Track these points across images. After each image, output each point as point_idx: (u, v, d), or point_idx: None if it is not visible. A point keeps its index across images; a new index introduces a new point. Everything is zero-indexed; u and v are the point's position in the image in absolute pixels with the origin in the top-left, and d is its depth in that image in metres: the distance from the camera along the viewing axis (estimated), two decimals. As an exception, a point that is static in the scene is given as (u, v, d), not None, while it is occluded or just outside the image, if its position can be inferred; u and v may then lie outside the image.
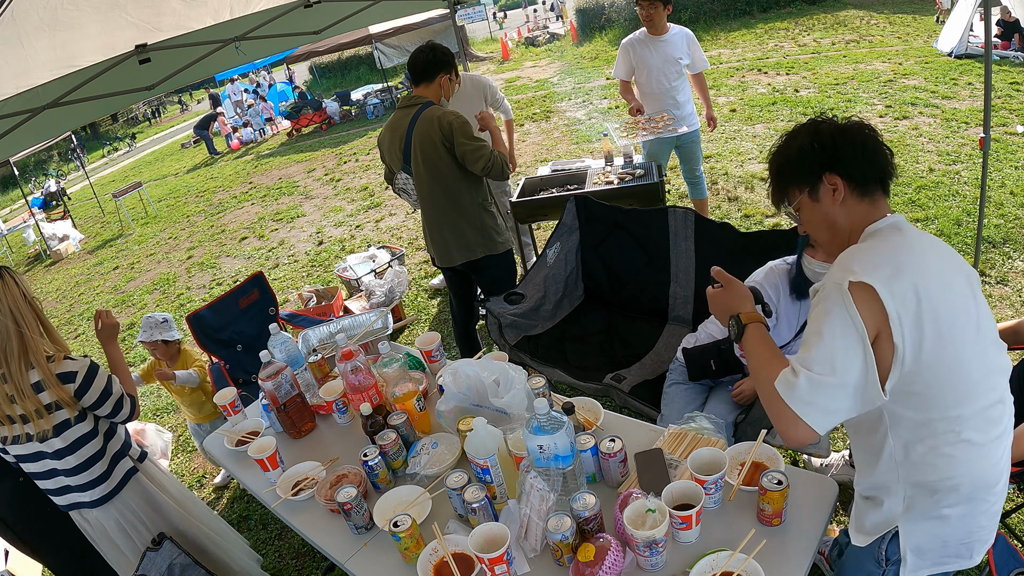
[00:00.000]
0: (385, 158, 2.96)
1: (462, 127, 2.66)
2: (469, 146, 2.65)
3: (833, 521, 2.24)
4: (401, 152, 2.80)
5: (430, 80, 2.77)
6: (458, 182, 2.77)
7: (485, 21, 22.38)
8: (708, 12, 13.70)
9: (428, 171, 2.76)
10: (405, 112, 2.78)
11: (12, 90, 2.28)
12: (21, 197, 13.00)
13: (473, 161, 2.67)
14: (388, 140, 2.87)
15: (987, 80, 2.65)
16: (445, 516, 1.66)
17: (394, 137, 2.83)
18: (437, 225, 2.92)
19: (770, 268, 2.20)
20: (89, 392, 1.90)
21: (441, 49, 2.80)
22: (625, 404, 2.52)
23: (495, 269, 2.99)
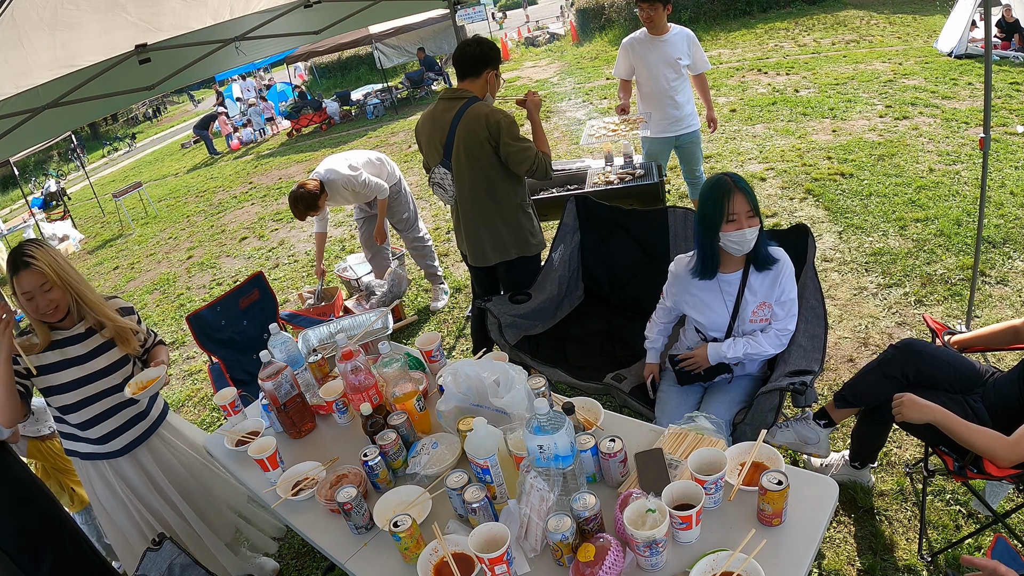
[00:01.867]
0: (423, 149, 2.94)
1: (509, 127, 2.64)
2: (515, 147, 2.63)
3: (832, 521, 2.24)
4: (442, 146, 2.76)
5: (476, 75, 2.74)
6: (500, 181, 2.76)
7: (485, 21, 22.39)
8: (708, 12, 13.71)
9: (470, 168, 2.73)
10: (448, 105, 2.74)
11: (12, 90, 2.28)
12: (21, 197, 13.00)
13: (518, 163, 2.66)
14: (428, 132, 2.84)
15: (987, 80, 2.65)
16: (445, 516, 1.66)
17: (435, 130, 2.79)
18: (474, 223, 2.89)
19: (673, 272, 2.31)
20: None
21: (488, 44, 2.78)
22: (625, 404, 2.52)
23: (524, 270, 3.02)
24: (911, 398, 1.86)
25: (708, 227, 2.07)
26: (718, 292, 2.20)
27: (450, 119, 2.71)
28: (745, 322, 2.20)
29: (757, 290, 2.16)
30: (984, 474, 1.87)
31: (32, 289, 1.93)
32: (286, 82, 19.09)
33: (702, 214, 2.08)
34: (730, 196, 2.00)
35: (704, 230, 2.09)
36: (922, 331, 3.18)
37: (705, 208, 2.06)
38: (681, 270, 2.27)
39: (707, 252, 2.13)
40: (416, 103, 13.83)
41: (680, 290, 2.28)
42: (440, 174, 2.81)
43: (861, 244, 4.09)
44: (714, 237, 2.07)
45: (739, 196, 2.00)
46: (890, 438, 2.53)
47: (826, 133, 6.18)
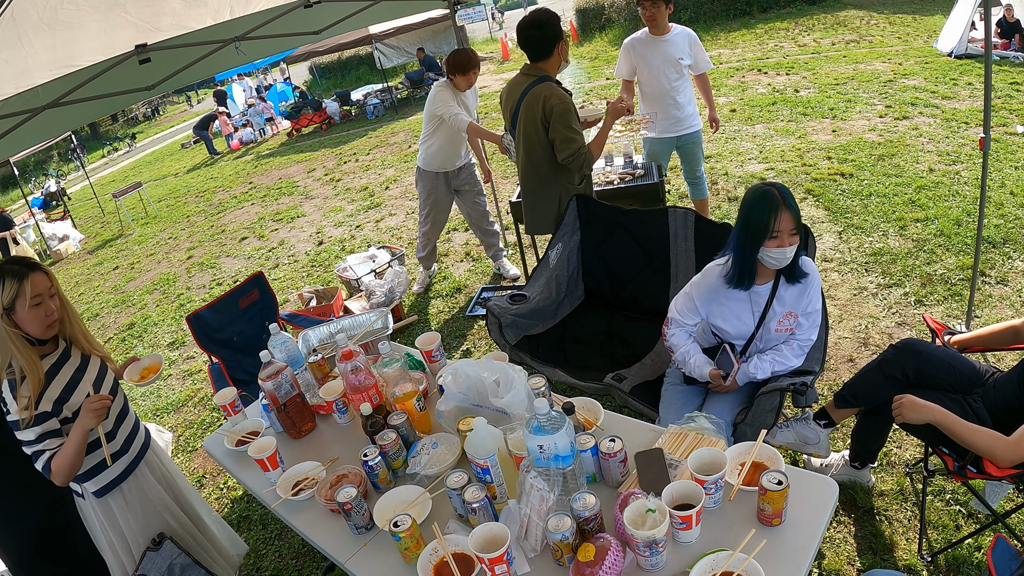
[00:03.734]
0: (503, 113, 3.18)
1: (562, 115, 2.79)
2: (562, 135, 2.79)
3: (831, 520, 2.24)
4: (511, 116, 3.00)
5: (549, 55, 2.91)
6: (547, 161, 2.91)
7: (485, 21, 22.39)
8: (708, 12, 13.71)
9: (525, 143, 2.93)
10: (523, 79, 2.95)
11: (12, 90, 2.28)
12: (21, 197, 13.00)
13: (561, 149, 2.82)
14: (505, 98, 3.07)
15: (987, 80, 2.65)
16: (445, 516, 1.66)
17: (508, 100, 3.04)
18: (525, 192, 3.10)
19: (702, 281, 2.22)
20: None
21: (550, 23, 2.91)
22: (625, 404, 2.52)
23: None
24: (911, 399, 1.86)
25: (751, 239, 2.01)
26: (747, 302, 2.16)
27: (519, 94, 2.92)
28: (770, 332, 2.19)
29: (786, 301, 2.14)
30: (984, 474, 1.87)
31: (43, 292, 1.86)
32: (286, 82, 19.08)
33: (746, 224, 2.01)
34: (778, 212, 1.94)
35: (746, 241, 2.02)
36: (922, 331, 3.18)
37: (749, 219, 1.99)
38: (714, 279, 2.17)
39: (746, 263, 2.06)
40: (416, 103, 13.82)
41: (710, 299, 2.21)
42: (508, 139, 3.06)
43: (861, 244, 4.09)
44: (755, 249, 2.01)
45: (786, 214, 1.95)
46: (890, 438, 2.53)
47: (826, 133, 6.18)
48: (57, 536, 2.14)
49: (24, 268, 1.84)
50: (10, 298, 1.81)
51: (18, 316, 1.82)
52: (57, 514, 2.14)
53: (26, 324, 1.83)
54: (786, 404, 2.73)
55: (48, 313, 1.86)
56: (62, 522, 2.15)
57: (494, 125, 9.57)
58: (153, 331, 5.70)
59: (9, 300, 1.81)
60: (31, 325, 1.84)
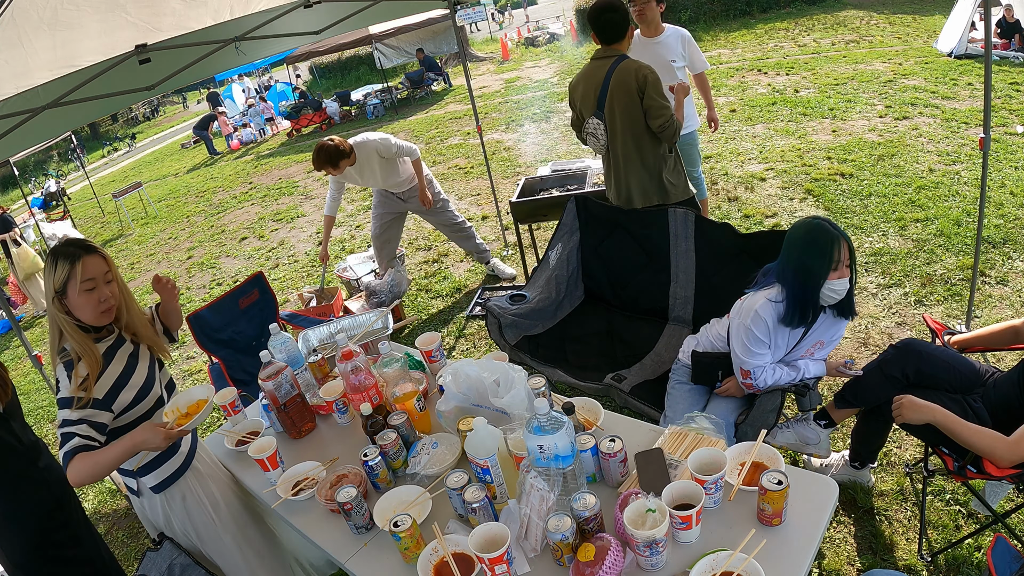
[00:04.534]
0: (576, 104, 3.16)
1: (655, 83, 2.87)
2: (656, 102, 2.86)
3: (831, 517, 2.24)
4: (596, 98, 3.00)
5: (623, 37, 2.97)
6: (644, 131, 2.96)
7: (485, 21, 22.41)
8: (708, 12, 13.72)
9: (621, 118, 2.95)
10: (601, 63, 2.98)
11: (12, 90, 2.28)
12: (21, 197, 12.99)
13: (655, 116, 2.88)
14: (582, 87, 3.06)
15: (987, 80, 2.65)
16: (445, 516, 1.66)
17: (589, 84, 3.02)
18: (623, 169, 3.08)
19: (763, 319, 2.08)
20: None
21: (623, 7, 3.00)
22: (625, 404, 2.52)
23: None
24: (910, 399, 1.86)
25: (814, 275, 1.96)
26: (787, 335, 2.14)
27: (603, 74, 2.94)
28: (796, 355, 2.20)
29: (820, 331, 2.14)
30: (984, 474, 1.87)
31: (98, 276, 1.73)
32: (286, 82, 19.09)
33: (805, 264, 1.96)
34: (839, 242, 1.92)
35: (807, 279, 1.97)
36: (922, 331, 3.18)
37: (810, 255, 1.95)
38: (771, 320, 2.07)
39: (809, 302, 2.01)
40: (416, 103, 13.83)
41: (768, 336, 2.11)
42: (594, 124, 3.05)
43: (861, 244, 4.09)
44: (819, 284, 1.97)
45: (843, 242, 1.93)
46: (890, 438, 2.53)
47: (826, 133, 6.18)
48: (57, 536, 2.13)
49: (78, 250, 1.73)
50: (61, 281, 1.70)
51: (70, 300, 1.72)
52: (57, 514, 2.14)
53: (78, 309, 1.73)
54: (788, 405, 2.73)
55: (102, 299, 1.74)
56: (62, 522, 2.15)
57: (494, 125, 9.58)
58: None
59: (60, 283, 1.71)
60: (83, 310, 1.73)
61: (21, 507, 2.06)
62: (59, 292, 1.71)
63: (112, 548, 2.98)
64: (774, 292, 2.07)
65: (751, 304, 2.09)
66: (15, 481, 2.05)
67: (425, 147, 9.49)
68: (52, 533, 2.11)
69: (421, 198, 4.23)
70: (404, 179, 4.15)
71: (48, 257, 1.74)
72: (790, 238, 2.03)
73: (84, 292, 1.71)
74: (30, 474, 2.08)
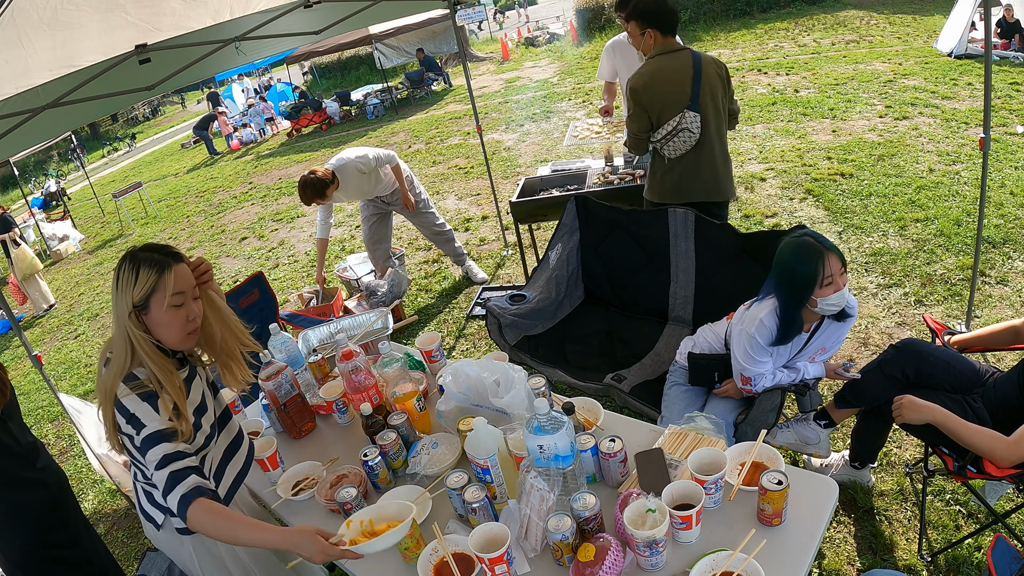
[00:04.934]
0: (655, 105, 2.83)
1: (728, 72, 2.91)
2: (732, 90, 2.92)
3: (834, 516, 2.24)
4: (690, 91, 2.80)
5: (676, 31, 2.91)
6: (724, 119, 2.95)
7: (485, 21, 22.41)
8: (708, 12, 13.72)
9: (714, 109, 2.87)
10: (675, 56, 2.80)
11: (12, 90, 2.28)
12: (21, 197, 13.00)
13: (732, 102, 2.92)
14: (660, 87, 2.79)
15: (987, 80, 2.65)
16: (445, 516, 1.66)
17: (673, 79, 2.79)
18: (719, 159, 2.96)
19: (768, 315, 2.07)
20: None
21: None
22: (625, 404, 2.52)
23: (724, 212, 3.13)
24: (910, 399, 1.86)
25: (798, 293, 1.96)
26: (789, 344, 2.14)
27: (689, 66, 2.78)
28: (796, 362, 2.20)
29: (822, 338, 2.15)
30: (984, 474, 1.87)
31: (187, 290, 1.51)
32: (287, 82, 19.09)
33: (791, 281, 1.97)
34: (823, 258, 1.91)
35: (791, 297, 1.98)
36: (922, 331, 3.18)
37: (795, 275, 1.95)
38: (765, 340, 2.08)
39: (793, 319, 2.02)
40: (416, 103, 13.82)
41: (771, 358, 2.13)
42: (690, 118, 2.83)
43: (861, 244, 4.09)
44: (802, 303, 1.98)
45: (832, 256, 1.92)
46: (890, 438, 2.53)
47: (826, 133, 6.18)
48: (56, 537, 2.13)
49: (167, 258, 1.49)
50: (144, 293, 1.45)
51: (152, 317, 1.47)
52: (55, 515, 2.14)
53: (161, 328, 1.49)
54: (788, 405, 2.73)
55: (190, 318, 1.52)
56: (61, 522, 2.15)
57: (494, 125, 9.58)
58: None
59: (143, 296, 1.45)
60: (168, 329, 1.49)
61: (19, 508, 2.06)
62: (139, 306, 1.46)
63: (112, 548, 2.98)
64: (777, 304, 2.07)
65: (756, 312, 2.08)
66: (13, 482, 2.05)
67: (425, 147, 9.49)
68: (51, 533, 2.11)
69: (404, 202, 4.29)
70: (386, 183, 4.24)
71: (126, 262, 1.48)
72: (778, 257, 2.02)
73: (171, 308, 1.47)
74: (28, 475, 2.08)
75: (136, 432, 1.42)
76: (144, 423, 1.41)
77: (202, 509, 1.36)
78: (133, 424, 1.42)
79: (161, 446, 1.41)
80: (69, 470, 3.86)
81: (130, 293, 1.45)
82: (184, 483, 1.39)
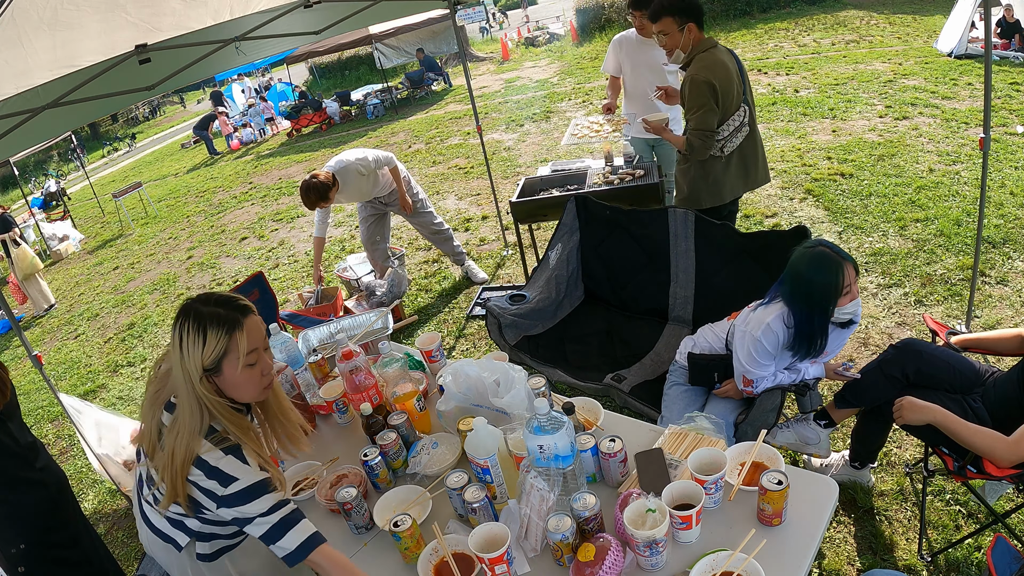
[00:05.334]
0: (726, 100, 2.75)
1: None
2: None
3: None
4: (740, 85, 2.80)
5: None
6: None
7: (485, 21, 22.41)
8: (708, 12, 13.70)
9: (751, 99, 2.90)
10: (711, 52, 2.75)
11: (12, 90, 2.28)
12: (21, 197, 13.00)
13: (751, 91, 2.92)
14: (728, 79, 2.73)
15: (987, 80, 2.65)
16: (445, 516, 1.66)
17: (728, 75, 2.74)
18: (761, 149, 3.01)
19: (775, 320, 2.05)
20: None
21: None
22: (625, 404, 2.52)
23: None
24: (910, 400, 1.86)
25: (822, 304, 1.95)
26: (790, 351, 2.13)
27: (731, 62, 2.79)
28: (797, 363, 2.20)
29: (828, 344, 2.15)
30: (984, 474, 1.87)
31: (260, 344, 1.41)
32: (287, 82, 19.08)
33: (810, 294, 1.95)
34: (843, 268, 1.91)
35: (814, 307, 1.97)
36: (922, 331, 3.18)
37: (814, 286, 1.94)
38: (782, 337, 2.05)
39: (818, 331, 2.01)
40: (416, 103, 13.82)
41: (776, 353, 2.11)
42: (742, 112, 2.83)
43: (861, 244, 4.09)
44: (828, 313, 1.97)
45: (848, 264, 1.93)
46: (890, 438, 2.53)
47: (826, 133, 6.18)
48: (55, 537, 2.13)
49: (235, 313, 1.37)
50: (216, 357, 1.35)
51: (226, 379, 1.38)
52: (55, 515, 2.14)
53: (236, 388, 1.40)
54: (788, 405, 2.73)
55: (265, 372, 1.43)
56: (60, 522, 2.15)
57: (494, 125, 9.57)
58: (153, 331, 5.70)
59: (214, 359, 1.35)
60: (243, 389, 1.41)
61: (19, 508, 2.06)
62: (210, 370, 1.36)
63: (112, 548, 2.98)
64: (787, 311, 2.05)
65: (763, 316, 2.07)
66: (12, 482, 2.05)
67: (425, 147, 9.49)
68: (50, 534, 2.11)
69: (402, 204, 4.30)
70: (384, 184, 4.25)
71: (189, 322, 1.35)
72: (795, 269, 2.00)
73: (247, 368, 1.38)
74: (27, 475, 2.08)
75: (224, 486, 1.35)
76: (235, 476, 1.35)
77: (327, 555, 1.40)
78: (218, 478, 1.35)
79: (265, 497, 1.38)
80: (69, 470, 3.86)
81: (198, 358, 1.34)
82: (298, 527, 1.39)
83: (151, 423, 1.42)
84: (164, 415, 1.41)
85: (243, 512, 1.37)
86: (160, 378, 1.45)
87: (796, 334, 2.03)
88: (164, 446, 1.36)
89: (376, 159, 4.06)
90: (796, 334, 2.03)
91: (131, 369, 5.08)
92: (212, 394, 1.36)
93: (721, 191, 2.94)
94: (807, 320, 2.00)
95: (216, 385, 1.39)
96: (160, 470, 1.38)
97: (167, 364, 1.44)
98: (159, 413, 1.41)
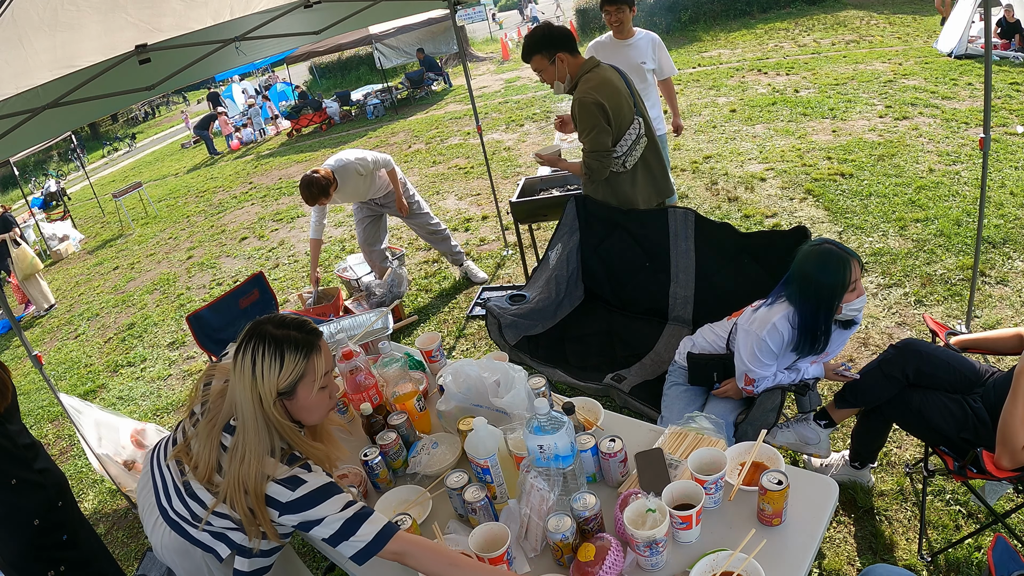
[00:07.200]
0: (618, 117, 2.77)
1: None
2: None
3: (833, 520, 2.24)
4: (631, 98, 2.87)
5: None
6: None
7: (485, 21, 22.41)
8: (708, 12, 13.71)
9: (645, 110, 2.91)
10: (594, 72, 2.78)
11: (12, 90, 2.28)
12: (21, 197, 12.99)
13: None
14: (616, 96, 2.76)
15: (987, 80, 2.65)
16: (445, 516, 1.66)
17: (615, 91, 2.77)
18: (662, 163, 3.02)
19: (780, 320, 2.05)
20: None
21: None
22: (625, 404, 2.52)
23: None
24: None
25: (828, 302, 1.95)
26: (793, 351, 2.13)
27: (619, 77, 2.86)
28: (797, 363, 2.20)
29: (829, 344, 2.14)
30: (984, 474, 1.87)
31: (332, 367, 1.43)
32: (287, 82, 19.09)
33: (817, 291, 1.95)
34: (849, 265, 1.91)
35: (820, 305, 1.96)
36: (922, 331, 3.18)
37: (822, 283, 1.94)
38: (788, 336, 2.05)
39: (823, 328, 2.01)
40: (416, 103, 13.82)
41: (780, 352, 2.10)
42: (637, 124, 2.84)
43: (861, 244, 4.09)
44: (833, 310, 1.97)
45: (854, 261, 1.93)
46: (890, 438, 2.53)
47: (826, 133, 6.18)
48: (54, 537, 2.13)
49: (311, 336, 1.38)
50: (293, 380, 1.35)
51: (299, 402, 1.38)
52: (54, 515, 2.14)
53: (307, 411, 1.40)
54: (788, 405, 2.73)
55: (332, 394, 1.44)
56: (59, 523, 2.15)
57: (494, 125, 9.58)
58: (153, 331, 5.70)
59: (290, 383, 1.35)
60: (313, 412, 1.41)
61: (17, 509, 2.06)
62: (284, 393, 1.35)
63: (112, 548, 2.99)
64: (793, 311, 2.05)
65: (768, 316, 2.06)
66: (11, 483, 2.05)
67: (425, 147, 9.49)
68: (49, 534, 2.10)
69: (398, 206, 4.31)
70: (380, 186, 4.26)
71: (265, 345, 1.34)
72: (802, 268, 2.00)
73: (320, 391, 1.39)
74: (26, 476, 2.07)
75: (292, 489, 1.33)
76: (303, 479, 1.34)
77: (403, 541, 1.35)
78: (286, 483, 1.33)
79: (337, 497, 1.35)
80: (69, 470, 3.86)
81: (274, 381, 1.33)
82: (373, 519, 1.35)
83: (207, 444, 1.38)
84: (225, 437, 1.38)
85: (311, 515, 1.33)
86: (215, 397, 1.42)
87: (800, 331, 2.04)
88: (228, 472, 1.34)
89: (375, 160, 4.07)
90: (800, 331, 2.04)
91: (131, 369, 5.08)
92: (285, 419, 1.36)
93: (635, 205, 2.98)
94: (812, 316, 2.00)
95: (286, 408, 1.38)
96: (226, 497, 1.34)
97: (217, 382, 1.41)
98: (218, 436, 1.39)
